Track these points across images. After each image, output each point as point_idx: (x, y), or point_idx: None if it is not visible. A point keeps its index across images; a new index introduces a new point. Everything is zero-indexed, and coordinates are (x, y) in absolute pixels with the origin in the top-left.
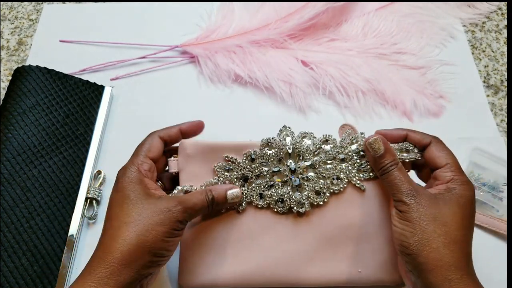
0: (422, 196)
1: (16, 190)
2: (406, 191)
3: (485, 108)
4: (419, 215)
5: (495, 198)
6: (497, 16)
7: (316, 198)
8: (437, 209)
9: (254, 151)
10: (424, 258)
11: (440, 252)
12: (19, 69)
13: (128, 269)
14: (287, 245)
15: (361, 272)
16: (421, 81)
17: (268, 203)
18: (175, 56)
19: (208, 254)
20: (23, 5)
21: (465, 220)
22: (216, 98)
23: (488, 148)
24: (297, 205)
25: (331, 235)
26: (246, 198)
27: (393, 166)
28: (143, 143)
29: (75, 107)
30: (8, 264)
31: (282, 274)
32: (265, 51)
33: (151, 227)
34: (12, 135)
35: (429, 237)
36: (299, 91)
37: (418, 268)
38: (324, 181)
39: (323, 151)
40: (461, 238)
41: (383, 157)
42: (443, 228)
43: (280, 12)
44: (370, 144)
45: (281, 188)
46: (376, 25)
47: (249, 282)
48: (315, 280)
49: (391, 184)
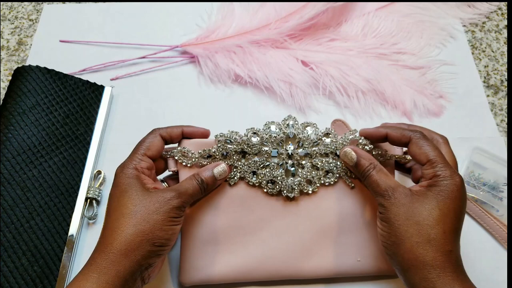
0: (398, 195)
1: (16, 190)
2: (382, 192)
3: (485, 108)
4: (394, 216)
5: (495, 198)
6: (497, 16)
7: (307, 187)
8: (410, 208)
9: (257, 128)
10: (400, 257)
11: (414, 252)
12: (19, 69)
13: (128, 259)
14: (284, 238)
15: (360, 261)
16: (421, 81)
17: (259, 182)
18: (175, 56)
19: (206, 250)
20: (23, 5)
21: (445, 217)
22: (216, 98)
23: (488, 148)
24: (287, 189)
25: (327, 226)
26: (239, 172)
27: (370, 170)
28: (144, 140)
29: (75, 107)
30: (8, 264)
31: (281, 266)
32: (265, 51)
33: (148, 216)
34: (12, 135)
35: (402, 237)
36: (299, 91)
37: (397, 268)
38: (317, 172)
39: (322, 143)
40: (436, 236)
41: (358, 165)
42: (415, 227)
43: (280, 12)
44: (343, 157)
45: (275, 170)
46: (376, 25)
47: (249, 276)
48: (313, 271)
49: (371, 187)
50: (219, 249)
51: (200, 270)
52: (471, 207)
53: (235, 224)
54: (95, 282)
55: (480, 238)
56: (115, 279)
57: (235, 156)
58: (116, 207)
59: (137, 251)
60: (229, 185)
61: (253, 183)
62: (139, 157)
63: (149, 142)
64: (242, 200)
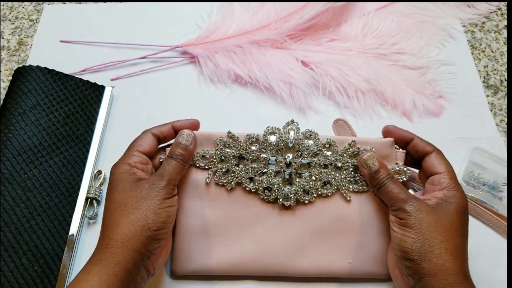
0: (421, 204)
1: (17, 190)
2: (405, 199)
3: (484, 108)
4: (420, 222)
5: (495, 198)
6: (497, 16)
7: (303, 196)
8: (436, 216)
9: (257, 135)
10: (427, 263)
11: (443, 258)
12: (20, 69)
13: (126, 248)
14: (277, 235)
15: (351, 264)
16: (420, 81)
17: (256, 188)
18: (175, 56)
19: (199, 241)
20: (24, 6)
21: (462, 228)
22: (216, 98)
23: (488, 148)
24: (283, 198)
25: (321, 226)
26: (237, 177)
27: (388, 180)
28: (135, 140)
29: (75, 107)
30: (8, 264)
31: (273, 263)
32: (265, 51)
33: (137, 204)
34: (13, 135)
35: (431, 243)
36: (299, 91)
37: (420, 273)
38: (314, 183)
39: (322, 154)
40: (459, 244)
41: (378, 172)
42: (443, 235)
43: (280, 12)
44: (365, 161)
45: (273, 178)
46: (376, 25)
47: (240, 269)
48: (305, 270)
49: (389, 196)
50: (212, 241)
51: (193, 261)
52: (471, 206)
53: (230, 218)
54: (96, 274)
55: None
56: (117, 270)
57: (232, 161)
58: (110, 203)
59: (133, 239)
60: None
61: (250, 189)
62: (130, 153)
63: (140, 139)
64: (237, 199)
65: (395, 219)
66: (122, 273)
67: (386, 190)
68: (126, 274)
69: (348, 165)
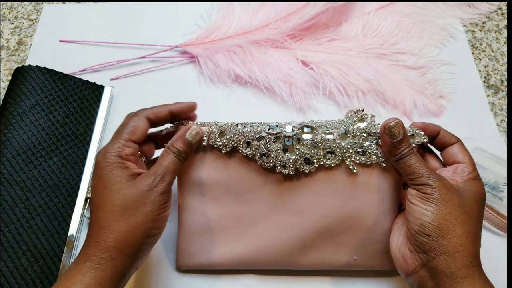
0: (447, 181)
1: (16, 190)
2: (429, 174)
3: (485, 108)
4: (445, 199)
5: (495, 198)
6: (497, 16)
7: (303, 165)
8: (460, 197)
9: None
10: (447, 241)
11: (463, 239)
12: (19, 69)
13: (124, 254)
14: (281, 232)
15: (357, 259)
16: (421, 81)
17: (253, 154)
18: (175, 56)
19: (203, 238)
20: (23, 5)
21: (480, 216)
22: (216, 98)
23: (488, 148)
24: (281, 166)
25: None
26: (233, 140)
27: (411, 151)
28: (127, 122)
29: (75, 107)
30: (8, 264)
31: (277, 257)
32: (265, 51)
33: (138, 210)
34: (12, 135)
35: (454, 222)
36: (299, 91)
37: (437, 250)
38: (317, 151)
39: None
40: (478, 229)
41: (402, 142)
42: (465, 216)
43: (280, 12)
44: (391, 128)
45: (271, 144)
46: (376, 25)
47: (245, 263)
48: (310, 264)
49: (410, 169)
50: (216, 238)
51: (197, 256)
52: None
53: (232, 215)
54: (92, 278)
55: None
56: (113, 275)
57: (231, 128)
58: (104, 202)
59: (133, 245)
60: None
61: (247, 154)
62: (122, 143)
63: (133, 126)
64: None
65: (417, 193)
66: (118, 277)
67: (408, 163)
68: (120, 278)
69: (356, 132)
